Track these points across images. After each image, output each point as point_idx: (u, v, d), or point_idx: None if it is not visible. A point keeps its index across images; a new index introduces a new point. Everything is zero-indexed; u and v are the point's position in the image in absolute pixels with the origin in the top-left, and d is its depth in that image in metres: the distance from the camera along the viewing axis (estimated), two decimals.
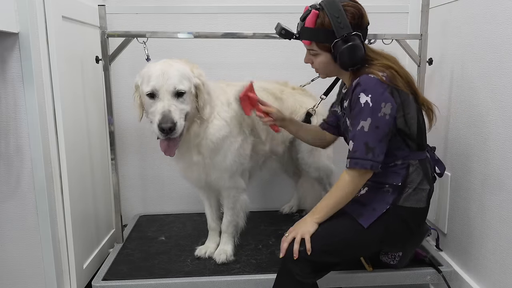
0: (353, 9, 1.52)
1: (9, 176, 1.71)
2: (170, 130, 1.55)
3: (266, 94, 2.00)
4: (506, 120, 1.63)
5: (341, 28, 1.49)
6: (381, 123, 1.47)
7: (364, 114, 1.48)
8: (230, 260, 1.90)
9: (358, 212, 1.56)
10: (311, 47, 1.59)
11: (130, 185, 2.61)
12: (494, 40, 1.70)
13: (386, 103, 1.47)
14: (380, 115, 1.47)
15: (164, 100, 1.59)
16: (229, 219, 1.92)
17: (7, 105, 1.66)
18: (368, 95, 1.47)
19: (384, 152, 1.51)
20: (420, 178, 1.59)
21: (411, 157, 1.58)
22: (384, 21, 2.46)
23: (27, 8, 1.59)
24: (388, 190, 1.58)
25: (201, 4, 2.44)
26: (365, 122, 1.47)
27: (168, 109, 1.57)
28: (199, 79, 1.68)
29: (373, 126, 1.47)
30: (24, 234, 1.75)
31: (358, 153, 1.49)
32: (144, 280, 1.79)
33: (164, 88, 1.58)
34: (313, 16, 1.52)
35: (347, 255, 1.62)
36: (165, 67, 1.62)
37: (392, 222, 1.56)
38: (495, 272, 1.72)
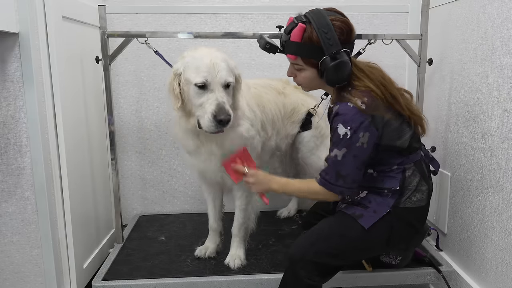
0: (342, 24, 1.47)
1: (9, 176, 1.71)
2: (227, 122, 1.55)
3: (270, 89, 2.01)
4: (506, 120, 1.63)
5: (330, 45, 1.43)
6: (359, 152, 1.47)
7: (340, 144, 1.48)
8: (244, 264, 1.88)
9: (359, 214, 1.57)
10: (296, 62, 1.54)
11: (130, 185, 2.61)
12: (494, 40, 1.70)
13: (364, 132, 1.45)
14: (358, 145, 1.46)
15: (216, 92, 1.57)
16: (240, 221, 1.90)
17: (7, 105, 1.66)
18: (347, 127, 1.45)
19: (360, 178, 1.53)
20: (417, 180, 1.59)
21: (406, 162, 1.58)
22: (384, 21, 2.46)
23: (27, 8, 1.59)
24: (388, 194, 1.58)
25: (201, 4, 2.44)
26: (339, 152, 1.48)
27: (222, 101, 1.56)
28: (237, 70, 1.69)
29: (350, 156, 1.47)
30: (24, 234, 1.75)
31: (328, 177, 1.52)
32: (144, 280, 1.79)
33: (216, 80, 1.58)
34: (300, 30, 1.46)
35: (353, 257, 1.62)
36: (214, 58, 1.60)
37: (396, 223, 1.56)
38: (495, 272, 1.72)
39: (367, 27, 2.39)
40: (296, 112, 2.09)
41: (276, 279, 1.78)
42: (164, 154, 2.58)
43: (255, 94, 1.91)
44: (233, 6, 2.44)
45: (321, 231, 1.59)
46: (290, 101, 2.06)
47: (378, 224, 1.54)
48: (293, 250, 1.55)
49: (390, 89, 1.53)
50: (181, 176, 2.61)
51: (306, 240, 1.57)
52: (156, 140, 2.56)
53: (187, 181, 2.58)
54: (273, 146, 2.02)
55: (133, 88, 2.50)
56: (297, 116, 2.10)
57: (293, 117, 2.09)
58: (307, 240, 1.57)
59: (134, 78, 2.48)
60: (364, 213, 1.56)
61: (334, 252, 1.54)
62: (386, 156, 1.56)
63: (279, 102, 2.01)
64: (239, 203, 1.89)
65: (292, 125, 2.09)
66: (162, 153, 2.59)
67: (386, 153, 1.55)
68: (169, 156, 2.58)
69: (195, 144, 1.77)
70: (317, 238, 1.56)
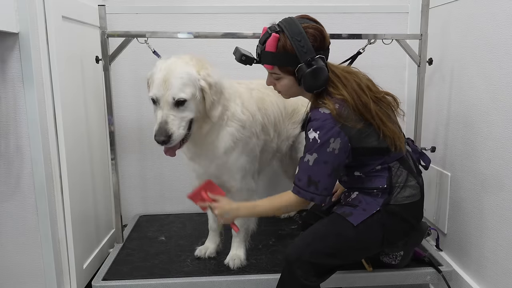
0: (314, 31, 1.47)
1: (9, 176, 1.71)
2: (163, 142, 1.56)
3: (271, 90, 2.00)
4: (506, 120, 1.63)
5: (304, 53, 1.44)
6: (330, 158, 1.47)
7: (311, 149, 1.49)
8: (244, 264, 1.88)
9: (348, 212, 1.58)
10: (273, 71, 1.54)
11: (130, 185, 2.61)
12: (494, 40, 1.70)
13: (335, 138, 1.46)
14: (328, 150, 1.46)
15: (163, 109, 1.56)
16: (240, 222, 1.90)
17: (7, 105, 1.66)
18: (317, 132, 1.47)
19: (333, 186, 1.52)
20: (404, 176, 1.59)
21: (388, 160, 1.58)
22: (384, 21, 2.46)
23: (27, 8, 1.59)
24: (377, 194, 1.59)
25: (201, 4, 2.44)
26: (311, 157, 1.48)
27: (165, 120, 1.55)
28: (206, 80, 1.61)
29: (321, 161, 1.47)
30: (24, 234, 1.75)
31: (301, 183, 1.52)
32: (144, 280, 1.79)
33: (164, 98, 1.55)
34: (274, 40, 1.46)
35: (349, 256, 1.62)
36: (168, 73, 1.56)
37: (388, 221, 1.56)
38: (495, 272, 1.72)
39: (367, 27, 2.41)
40: (297, 112, 2.09)
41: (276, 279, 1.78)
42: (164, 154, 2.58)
43: (258, 97, 1.90)
44: (233, 6, 2.44)
45: (317, 231, 1.59)
46: (290, 102, 2.06)
47: (370, 222, 1.54)
48: (289, 251, 1.56)
49: (361, 96, 1.51)
50: (181, 176, 2.61)
51: (302, 241, 1.57)
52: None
53: (187, 181, 2.58)
54: (274, 148, 2.02)
55: (133, 88, 2.50)
56: (297, 117, 2.10)
57: (294, 118, 2.09)
58: (303, 240, 1.57)
59: (134, 78, 2.48)
60: (353, 211, 1.57)
61: (330, 251, 1.54)
62: (366, 158, 1.56)
63: (281, 103, 2.01)
64: None
65: (293, 126, 2.10)
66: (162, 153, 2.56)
67: (365, 156, 1.55)
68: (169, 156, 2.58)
69: (191, 152, 1.80)
70: (313, 238, 1.56)
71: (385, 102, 1.60)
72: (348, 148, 1.50)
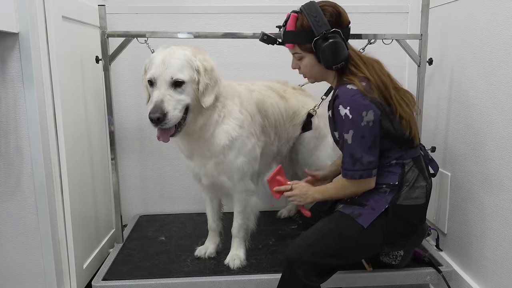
0: (331, 8, 1.54)
1: (9, 176, 1.71)
2: (158, 120, 1.51)
3: (272, 92, 2.01)
4: (506, 120, 1.63)
5: (319, 26, 1.51)
6: (366, 131, 1.49)
7: (345, 126, 1.51)
8: (243, 264, 1.88)
9: (357, 213, 1.58)
10: (294, 51, 1.61)
11: (130, 185, 2.61)
12: (494, 40, 1.70)
13: (367, 111, 1.49)
14: (363, 124, 1.49)
15: (160, 89, 1.55)
16: (240, 222, 1.90)
17: (7, 105, 1.66)
18: (347, 107, 1.49)
19: (376, 156, 1.54)
20: (415, 176, 1.60)
21: (404, 156, 1.60)
22: (384, 21, 2.46)
23: (27, 8, 1.60)
24: (385, 190, 1.59)
25: (201, 4, 2.44)
26: (348, 135, 1.51)
27: (161, 99, 1.53)
28: (202, 63, 1.62)
29: (358, 136, 1.50)
30: (24, 234, 1.75)
31: (346, 165, 1.55)
32: (144, 280, 1.79)
33: (162, 77, 1.55)
34: (293, 19, 1.56)
35: (350, 256, 1.62)
36: (168, 54, 1.58)
37: (393, 221, 1.57)
38: (495, 272, 1.72)
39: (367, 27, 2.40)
40: (297, 114, 2.09)
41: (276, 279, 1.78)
42: (164, 154, 2.58)
43: (258, 99, 1.89)
44: (233, 6, 2.43)
45: (319, 231, 1.59)
46: (291, 105, 2.05)
47: (376, 222, 1.55)
48: (290, 250, 1.56)
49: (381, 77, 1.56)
50: (181, 176, 2.61)
51: (304, 241, 1.57)
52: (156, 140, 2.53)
53: (187, 181, 2.58)
54: (274, 151, 2.01)
55: (133, 88, 2.50)
56: (298, 119, 2.10)
57: (295, 120, 2.09)
58: (304, 240, 1.57)
59: (134, 78, 2.48)
60: (362, 211, 1.57)
61: (332, 252, 1.54)
62: (385, 147, 1.57)
63: (281, 106, 2.00)
64: (237, 205, 1.88)
65: (293, 128, 2.09)
66: (162, 153, 2.59)
67: (385, 143, 1.56)
68: (169, 156, 2.58)
69: (188, 149, 1.79)
70: (315, 238, 1.56)
71: (403, 94, 1.62)
72: (380, 120, 1.52)
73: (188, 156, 1.83)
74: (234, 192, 1.86)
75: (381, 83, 1.55)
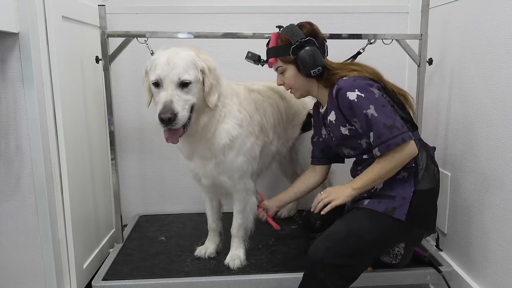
0: (308, 24, 1.68)
1: (9, 176, 1.71)
2: (169, 120, 1.52)
3: (272, 92, 2.01)
4: (506, 120, 1.63)
5: (295, 36, 1.63)
6: (383, 101, 1.56)
7: (364, 105, 1.54)
8: (243, 264, 1.88)
9: (391, 208, 1.58)
10: (277, 65, 1.71)
11: (130, 185, 2.61)
12: (494, 40, 1.70)
13: (372, 86, 1.58)
14: (377, 96, 1.56)
15: (167, 89, 1.56)
16: (239, 222, 1.90)
17: (7, 105, 1.66)
18: (355, 90, 1.56)
19: (402, 120, 1.57)
20: (425, 157, 1.65)
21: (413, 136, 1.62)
22: (384, 21, 2.46)
23: (27, 8, 1.60)
24: (403, 175, 1.62)
25: (201, 4, 2.44)
26: (370, 110, 1.54)
27: (170, 99, 1.54)
28: (205, 63, 1.65)
29: (380, 107, 1.54)
30: (24, 234, 1.75)
31: (384, 137, 1.53)
32: (144, 280, 1.79)
33: (168, 77, 1.56)
34: (274, 37, 1.70)
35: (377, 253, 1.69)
36: (171, 55, 1.58)
37: (421, 203, 1.61)
38: (495, 272, 1.72)
39: (367, 27, 2.41)
40: (298, 115, 2.09)
41: (276, 279, 1.79)
42: (164, 154, 2.58)
43: (257, 99, 1.90)
44: (233, 6, 2.44)
45: (350, 232, 1.56)
46: (291, 105, 2.06)
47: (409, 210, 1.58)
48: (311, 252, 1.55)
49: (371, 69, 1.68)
50: (181, 176, 2.61)
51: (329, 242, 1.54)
52: (156, 140, 2.56)
53: (187, 181, 2.58)
54: (274, 151, 2.01)
55: (133, 88, 2.50)
56: (298, 119, 2.10)
57: (295, 120, 2.09)
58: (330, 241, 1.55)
59: (134, 78, 2.48)
60: (395, 204, 1.58)
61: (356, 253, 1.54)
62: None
63: (281, 106, 2.01)
64: (237, 204, 1.88)
65: (293, 128, 2.10)
66: (162, 153, 2.59)
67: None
68: (169, 156, 2.58)
69: (188, 150, 1.79)
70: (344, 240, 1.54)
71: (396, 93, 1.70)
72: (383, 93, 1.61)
73: (187, 156, 1.83)
74: (234, 192, 1.85)
75: (372, 72, 1.66)
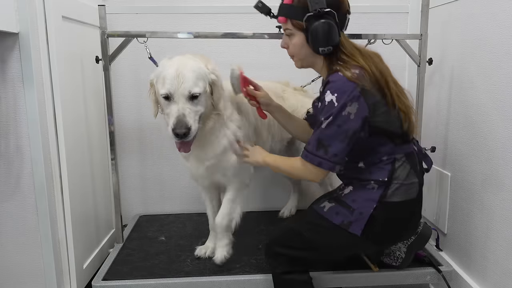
0: None
1: (9, 176, 1.71)
2: (184, 135, 1.55)
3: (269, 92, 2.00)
4: (506, 120, 1.63)
5: (315, 3, 1.45)
6: (345, 122, 1.44)
7: (326, 112, 1.46)
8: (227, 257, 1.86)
9: (347, 222, 1.54)
10: (286, 26, 1.56)
11: (130, 185, 2.61)
12: (494, 40, 1.70)
13: (352, 102, 1.43)
14: (344, 113, 1.43)
15: (179, 103, 1.56)
16: (226, 211, 1.85)
17: (7, 105, 1.66)
18: (334, 94, 1.44)
19: (343, 154, 1.48)
20: (406, 173, 1.55)
21: (397, 151, 1.55)
22: (384, 21, 2.46)
23: (27, 8, 1.59)
24: (373, 187, 1.54)
25: (201, 4, 2.44)
26: (325, 120, 1.46)
27: (182, 113, 1.55)
28: (214, 73, 1.66)
29: (334, 125, 1.45)
30: (24, 234, 1.75)
31: (310, 147, 1.50)
32: (144, 280, 1.79)
33: (179, 92, 1.56)
34: None
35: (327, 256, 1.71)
36: (180, 67, 1.58)
37: (382, 219, 1.53)
38: (495, 272, 1.72)
39: (367, 27, 2.40)
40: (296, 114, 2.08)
41: None
42: (164, 154, 2.58)
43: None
44: (233, 6, 2.43)
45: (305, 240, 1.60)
46: (289, 105, 2.05)
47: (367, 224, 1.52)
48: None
49: (377, 64, 1.52)
50: (181, 176, 2.61)
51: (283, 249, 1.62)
52: (156, 140, 2.57)
53: (187, 181, 2.58)
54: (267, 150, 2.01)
55: (133, 88, 2.50)
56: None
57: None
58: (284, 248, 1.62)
59: (134, 78, 2.48)
60: (352, 219, 1.54)
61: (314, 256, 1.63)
62: (377, 142, 1.52)
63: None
64: (229, 193, 1.86)
65: None
66: (162, 153, 2.59)
67: (377, 138, 1.52)
68: (169, 156, 2.58)
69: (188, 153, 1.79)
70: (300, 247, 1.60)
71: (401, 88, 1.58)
72: (366, 116, 1.46)
73: (185, 157, 1.84)
74: (228, 183, 1.85)
75: (377, 71, 1.49)
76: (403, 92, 1.58)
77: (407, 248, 1.79)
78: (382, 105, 1.49)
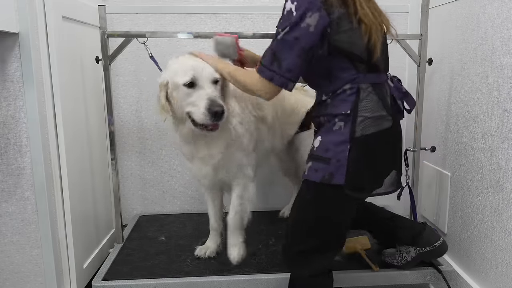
0: None
1: (9, 176, 1.71)
2: (222, 113, 1.56)
3: None
4: (506, 120, 1.63)
5: None
6: (302, 34, 1.34)
7: (284, 22, 1.37)
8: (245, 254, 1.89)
9: (328, 174, 1.42)
10: None
11: (130, 185, 2.61)
12: (494, 40, 1.70)
13: (313, 13, 1.32)
14: (303, 25, 1.33)
15: (205, 87, 1.60)
16: (236, 208, 1.87)
17: (7, 105, 1.66)
18: (294, 3, 1.34)
19: (298, 70, 1.39)
20: (373, 104, 1.42)
21: (361, 80, 1.41)
22: None
23: (27, 8, 1.59)
24: (339, 126, 1.42)
25: (201, 4, 2.44)
26: (281, 31, 1.37)
27: (214, 95, 1.59)
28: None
29: (291, 37, 1.35)
30: (24, 234, 1.75)
31: (264, 60, 1.44)
32: (144, 280, 1.79)
33: (204, 76, 1.61)
34: None
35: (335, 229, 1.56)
36: (194, 59, 1.66)
37: (361, 156, 1.41)
38: (495, 271, 1.72)
39: None
40: (295, 113, 2.09)
41: (276, 279, 1.79)
42: (164, 154, 2.59)
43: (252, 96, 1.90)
44: (233, 6, 2.44)
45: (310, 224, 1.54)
46: (289, 103, 2.06)
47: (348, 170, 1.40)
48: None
49: None
50: (181, 176, 2.61)
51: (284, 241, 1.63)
52: (156, 140, 2.57)
53: (187, 181, 2.58)
54: (268, 148, 2.02)
55: (133, 88, 2.50)
56: (295, 118, 2.10)
57: (292, 118, 2.09)
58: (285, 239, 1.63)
59: (134, 78, 2.48)
60: (331, 169, 1.41)
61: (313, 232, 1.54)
62: (338, 65, 1.41)
63: (278, 103, 2.00)
64: (236, 190, 1.87)
65: (289, 126, 2.09)
66: (162, 153, 2.59)
67: (337, 60, 1.40)
68: (169, 156, 2.58)
69: (190, 152, 1.80)
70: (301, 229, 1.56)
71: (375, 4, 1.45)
72: (325, 29, 1.34)
73: (189, 158, 1.84)
74: (233, 180, 1.86)
75: None
76: (375, 6, 1.47)
77: (417, 254, 1.79)
78: (346, 21, 1.37)
